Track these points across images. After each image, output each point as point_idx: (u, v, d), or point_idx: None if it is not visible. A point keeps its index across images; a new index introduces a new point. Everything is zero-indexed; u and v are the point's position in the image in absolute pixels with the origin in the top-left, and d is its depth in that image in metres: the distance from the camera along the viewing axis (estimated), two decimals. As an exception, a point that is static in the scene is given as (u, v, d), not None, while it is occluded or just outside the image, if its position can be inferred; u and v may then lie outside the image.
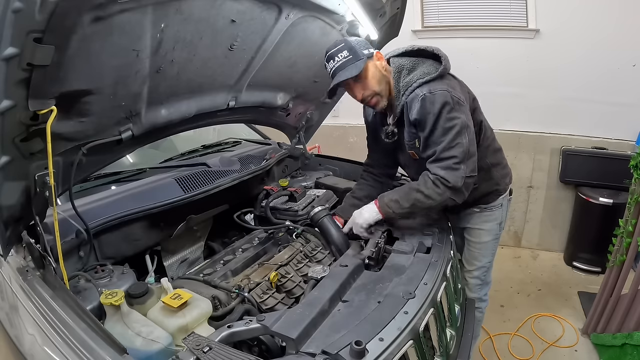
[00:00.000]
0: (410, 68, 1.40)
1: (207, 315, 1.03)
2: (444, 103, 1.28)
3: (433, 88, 1.31)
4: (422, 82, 1.34)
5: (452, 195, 1.33)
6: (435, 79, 1.34)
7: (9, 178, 0.97)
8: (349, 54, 1.33)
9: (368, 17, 1.61)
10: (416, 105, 1.32)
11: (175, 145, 2.14)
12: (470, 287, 1.75)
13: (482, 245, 1.69)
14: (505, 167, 1.69)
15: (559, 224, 3.29)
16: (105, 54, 0.98)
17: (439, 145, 1.31)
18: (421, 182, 1.37)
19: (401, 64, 1.42)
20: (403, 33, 1.92)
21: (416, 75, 1.37)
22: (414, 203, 1.36)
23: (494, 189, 1.62)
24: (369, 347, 0.85)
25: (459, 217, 1.72)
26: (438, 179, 1.32)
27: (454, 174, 1.31)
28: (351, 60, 1.33)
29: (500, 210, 1.67)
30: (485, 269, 1.74)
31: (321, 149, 3.41)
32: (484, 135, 1.55)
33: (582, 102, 3.01)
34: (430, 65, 1.38)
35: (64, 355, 0.79)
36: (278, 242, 1.54)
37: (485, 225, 1.67)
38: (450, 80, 1.39)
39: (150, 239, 1.45)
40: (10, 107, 0.84)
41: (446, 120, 1.29)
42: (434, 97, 1.29)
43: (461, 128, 1.30)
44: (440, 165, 1.33)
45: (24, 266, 1.05)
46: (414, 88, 1.35)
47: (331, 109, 2.28)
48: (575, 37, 2.90)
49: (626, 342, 1.89)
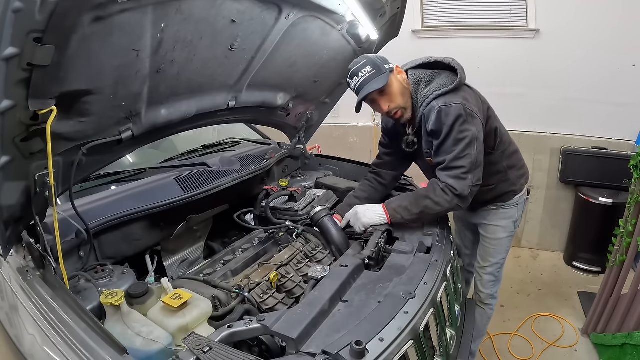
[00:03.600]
0: (428, 81, 1.45)
1: (207, 315, 1.03)
2: (457, 116, 1.34)
3: (449, 101, 1.36)
4: (438, 94, 1.39)
5: (459, 202, 1.39)
6: (451, 91, 1.38)
7: (9, 178, 0.97)
8: (372, 69, 1.38)
9: (368, 17, 1.61)
10: (432, 117, 1.38)
11: (175, 145, 2.14)
12: (484, 284, 1.78)
13: (497, 241, 1.72)
14: (522, 168, 1.73)
15: (559, 224, 3.29)
16: (105, 54, 0.98)
17: (450, 154, 1.37)
18: (430, 189, 1.42)
19: (419, 76, 1.47)
20: (403, 33, 1.92)
21: (433, 87, 1.42)
22: (423, 210, 1.41)
23: (510, 190, 1.66)
24: (369, 347, 0.85)
25: (475, 214, 1.75)
26: (447, 186, 1.38)
27: (461, 183, 1.37)
28: (375, 74, 1.38)
29: (516, 209, 1.70)
30: (499, 266, 1.77)
31: (321, 149, 3.41)
32: (500, 141, 1.58)
33: (582, 102, 3.01)
34: (447, 78, 1.43)
35: (64, 355, 0.79)
36: (278, 242, 1.54)
37: (502, 222, 1.70)
38: (466, 92, 1.43)
39: (150, 239, 1.45)
40: (10, 107, 0.84)
41: (458, 132, 1.35)
42: (449, 110, 1.35)
43: (471, 140, 1.36)
44: (449, 174, 1.38)
45: (24, 266, 1.05)
46: (431, 100, 1.40)
47: (331, 109, 2.28)
48: (575, 37, 2.90)
49: (626, 342, 1.89)
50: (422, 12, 3.33)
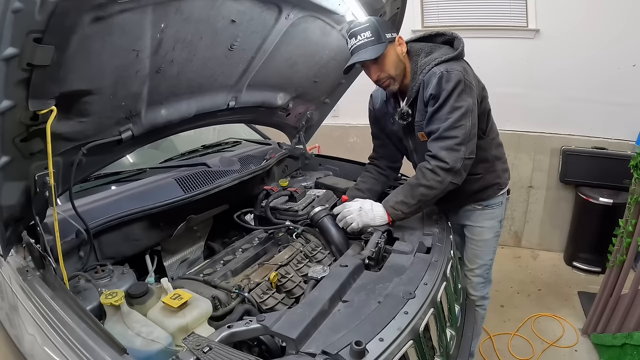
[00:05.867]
0: (428, 51, 1.47)
1: (207, 315, 1.02)
2: (457, 82, 1.34)
3: (450, 67, 1.37)
4: (440, 60, 1.40)
5: (452, 178, 1.38)
6: (453, 58, 1.40)
7: (9, 178, 0.96)
8: (371, 35, 1.37)
9: (368, 17, 1.60)
10: (433, 82, 1.38)
11: (175, 145, 2.14)
12: (474, 286, 1.77)
13: (484, 242, 1.72)
14: (506, 163, 1.74)
15: (559, 224, 3.29)
16: (105, 54, 0.98)
17: (444, 122, 1.37)
18: (419, 175, 1.41)
19: (419, 47, 1.50)
20: (403, 33, 1.91)
21: (434, 56, 1.43)
22: (420, 198, 1.40)
23: (496, 182, 1.66)
24: (369, 347, 0.85)
25: (458, 215, 1.75)
26: (436, 166, 1.37)
27: (453, 154, 1.36)
28: (373, 42, 1.37)
29: (500, 208, 1.71)
30: (488, 267, 1.77)
31: (321, 149, 3.41)
32: (490, 127, 1.59)
33: (582, 102, 3.01)
34: (448, 49, 1.46)
35: (64, 355, 0.79)
36: (278, 242, 1.54)
37: (487, 222, 1.70)
38: (465, 65, 1.44)
39: (150, 239, 1.45)
40: (10, 107, 0.83)
41: (456, 100, 1.35)
42: (450, 76, 1.35)
43: (466, 111, 1.36)
44: (441, 145, 1.37)
45: (24, 266, 1.05)
46: (432, 66, 1.40)
47: (331, 109, 2.28)
48: (575, 37, 2.90)
49: (626, 342, 1.89)
50: (422, 12, 3.33)
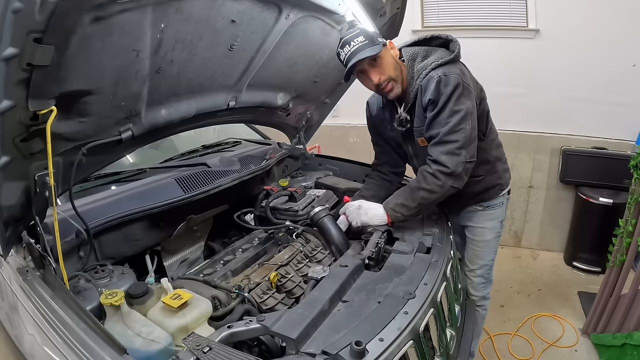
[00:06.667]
0: (424, 55, 1.45)
1: (207, 315, 1.02)
2: (456, 85, 1.33)
3: (447, 71, 1.36)
4: (437, 64, 1.38)
5: (453, 183, 1.37)
6: (450, 62, 1.39)
7: (9, 178, 0.96)
8: (365, 39, 1.36)
9: (368, 17, 1.60)
10: (431, 86, 1.36)
11: (175, 145, 2.14)
12: (475, 286, 1.77)
13: (485, 243, 1.72)
14: (506, 163, 1.74)
15: (559, 224, 3.29)
16: (105, 54, 0.98)
17: (444, 127, 1.35)
18: (420, 178, 1.40)
19: (414, 52, 1.47)
20: (403, 33, 1.92)
21: (430, 60, 1.42)
22: (420, 202, 1.40)
23: (497, 183, 1.66)
24: (369, 347, 0.85)
25: (459, 216, 1.75)
26: (437, 170, 1.36)
27: (454, 159, 1.35)
28: (368, 44, 1.36)
29: (501, 209, 1.71)
30: (489, 267, 1.77)
31: (321, 149, 3.41)
32: (490, 128, 1.58)
33: (582, 102, 3.01)
34: (443, 52, 1.44)
35: (63, 355, 0.79)
36: (278, 242, 1.54)
37: (488, 223, 1.70)
38: (462, 67, 1.43)
39: (150, 239, 1.45)
40: (10, 107, 0.83)
41: (455, 103, 1.34)
42: (448, 80, 1.34)
43: (466, 114, 1.35)
44: (442, 150, 1.37)
45: (24, 266, 1.05)
46: (429, 70, 1.39)
47: (331, 109, 2.27)
48: (575, 37, 2.90)
49: (626, 342, 1.89)
50: (422, 12, 3.33)
